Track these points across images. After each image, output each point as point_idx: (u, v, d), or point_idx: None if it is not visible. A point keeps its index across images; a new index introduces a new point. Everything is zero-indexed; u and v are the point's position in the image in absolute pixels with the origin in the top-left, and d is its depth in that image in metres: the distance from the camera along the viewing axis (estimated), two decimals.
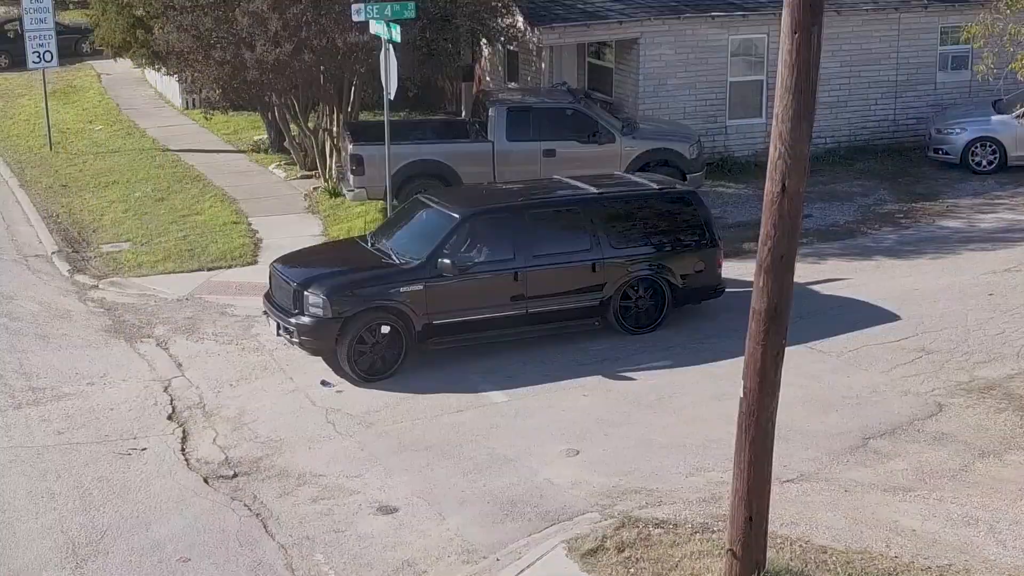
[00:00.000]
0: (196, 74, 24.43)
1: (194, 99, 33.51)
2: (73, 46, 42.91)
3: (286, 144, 27.46)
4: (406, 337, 16.52)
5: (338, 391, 16.41)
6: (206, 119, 29.80)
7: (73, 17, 45.79)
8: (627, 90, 26.37)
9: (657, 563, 11.66)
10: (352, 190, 22.47)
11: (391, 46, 20.32)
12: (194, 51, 23.64)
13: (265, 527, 13.07)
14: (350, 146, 22.42)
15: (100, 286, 20.89)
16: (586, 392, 16.19)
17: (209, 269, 21.33)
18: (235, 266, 21.47)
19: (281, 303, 16.94)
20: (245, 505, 13.53)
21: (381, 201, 22.40)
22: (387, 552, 12.54)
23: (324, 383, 16.62)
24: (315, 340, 16.47)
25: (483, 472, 14.10)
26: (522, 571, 11.97)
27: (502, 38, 25.69)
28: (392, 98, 20.87)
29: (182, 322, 19.02)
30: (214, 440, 15.11)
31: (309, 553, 12.54)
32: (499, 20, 25.10)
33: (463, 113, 29.61)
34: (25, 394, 16.44)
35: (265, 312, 17.52)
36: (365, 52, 22.63)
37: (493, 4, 24.78)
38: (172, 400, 16.28)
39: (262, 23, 22.68)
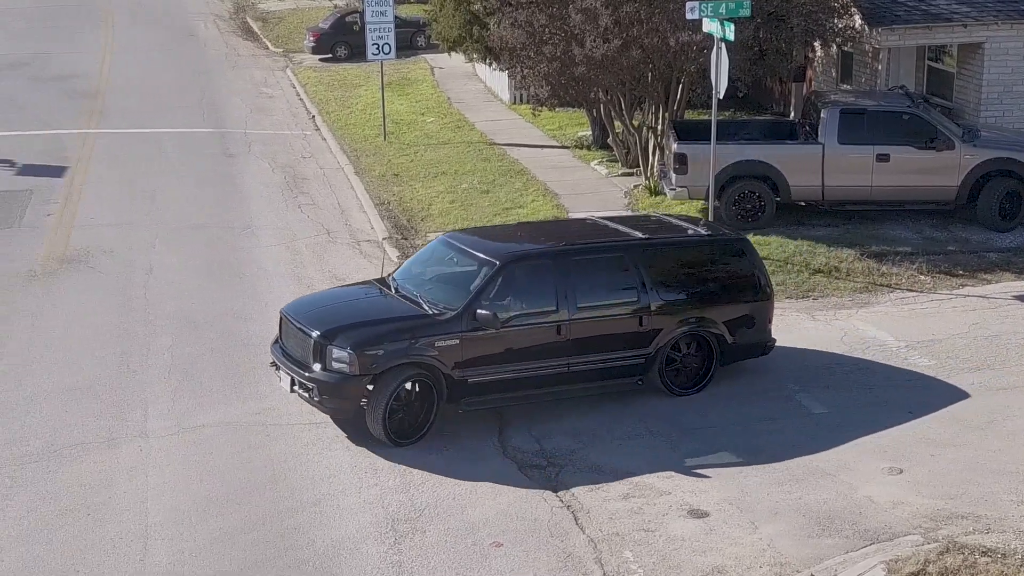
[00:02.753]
0: (527, 70, 24.82)
1: (522, 94, 34.12)
2: (409, 39, 44.43)
3: (609, 141, 27.56)
4: (437, 396, 14.83)
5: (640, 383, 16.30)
6: (534, 115, 30.25)
7: (410, 11, 47.45)
8: (968, 96, 25.14)
9: None
10: (673, 189, 22.28)
11: (724, 45, 20.04)
12: (527, 47, 24.05)
13: (576, 520, 13.11)
14: (674, 144, 22.26)
15: None
16: (911, 409, 15.49)
17: None
18: None
19: (296, 355, 15.08)
20: (557, 496, 13.61)
21: (702, 201, 22.15)
22: (697, 556, 12.34)
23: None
24: (339, 399, 14.63)
25: (798, 484, 13.69)
26: None
27: (838, 39, 24.94)
28: (721, 97, 20.59)
29: None
30: (529, 430, 15.26)
31: (619, 550, 12.49)
32: (836, 20, 24.39)
33: (791, 114, 28.96)
34: None
35: (275, 363, 15.51)
36: (696, 51, 22.44)
37: (831, 4, 24.08)
38: None
39: (594, 19, 22.82)
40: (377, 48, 31.34)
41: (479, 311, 14.84)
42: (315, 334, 14.76)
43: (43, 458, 14.39)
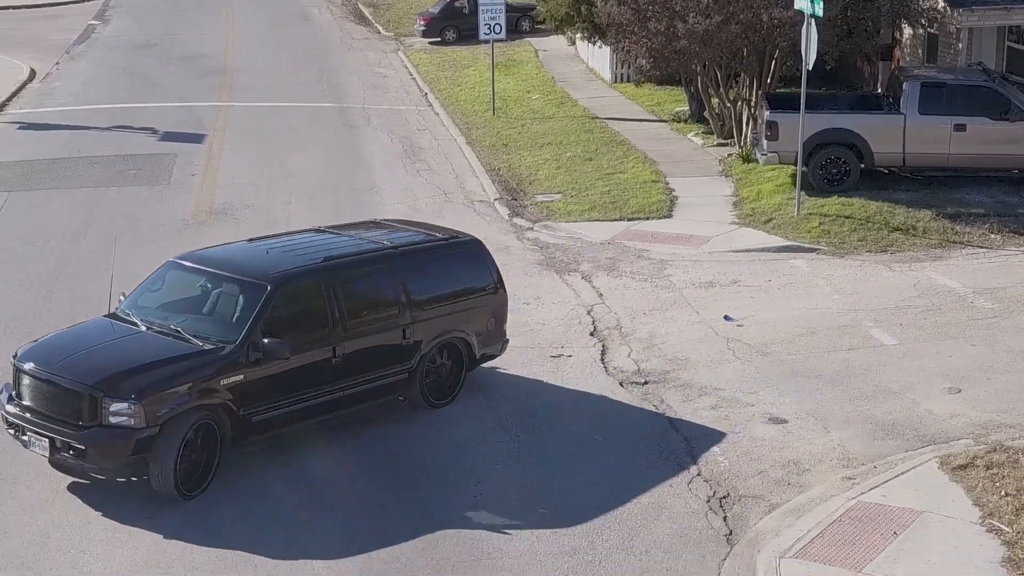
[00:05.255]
0: (632, 44, 26.87)
1: (623, 73, 36.18)
2: (514, 23, 46.51)
3: (705, 114, 29.43)
4: (222, 438, 13.55)
5: (739, 325, 18.23)
6: (636, 86, 32.17)
7: None
8: None
9: (1022, 480, 12.85)
10: (765, 154, 24.15)
11: (813, 20, 21.88)
12: (632, 23, 26.11)
13: (670, 423, 15.15)
14: (766, 113, 24.13)
15: (534, 228, 23.60)
16: (973, 343, 17.25)
17: (629, 219, 23.63)
18: (652, 218, 23.66)
19: (52, 413, 13.25)
20: (653, 405, 15.66)
21: (791, 166, 23.96)
22: (775, 452, 14.32)
23: (727, 318, 18.47)
24: (120, 457, 13.03)
25: (867, 400, 15.59)
26: (896, 476, 13.49)
27: (922, 19, 26.58)
28: (810, 69, 22.41)
29: (604, 261, 21.40)
30: (628, 354, 17.30)
31: (707, 445, 14.52)
32: (921, 1, 26.04)
33: (879, 91, 30.57)
34: None
35: (16, 428, 13.54)
36: (788, 27, 24.29)
37: None
38: (594, 321, 18.61)
39: None
40: (489, 28, 33.52)
41: (265, 340, 13.65)
42: (83, 386, 13.09)
43: None
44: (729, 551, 12.41)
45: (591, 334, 18.11)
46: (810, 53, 22.08)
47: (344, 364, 14.39)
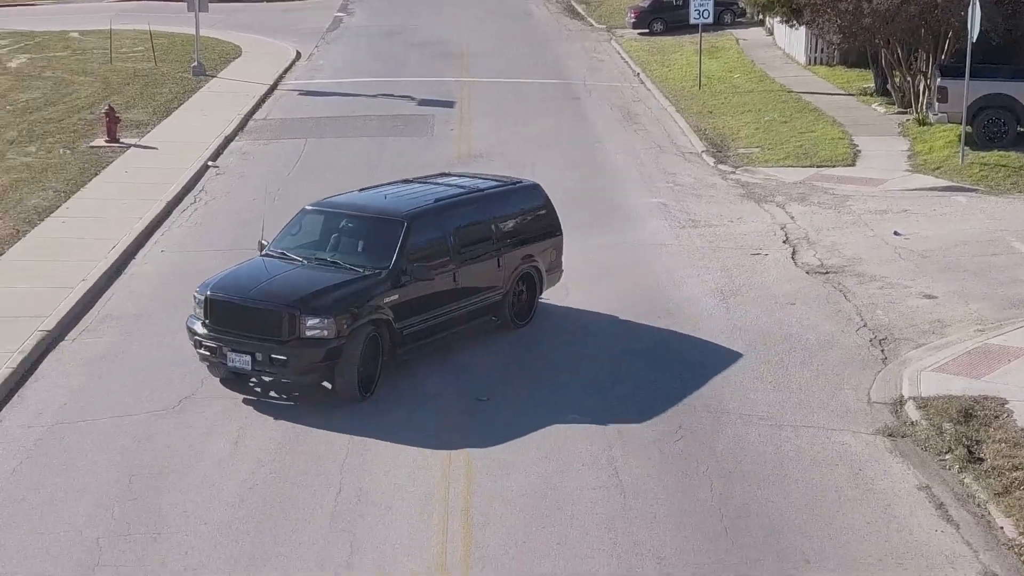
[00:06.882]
0: (824, 22, 31.47)
1: (816, 56, 40.71)
2: (718, 16, 51.19)
3: (888, 87, 33.76)
4: (382, 349, 16.11)
5: (905, 238, 22.71)
6: (828, 67, 36.64)
7: None
8: None
9: None
10: (936, 115, 28.53)
11: (977, 1, 26.15)
12: (825, 3, 30.73)
13: (844, 296, 19.83)
14: (938, 80, 28.46)
15: (736, 172, 28.41)
16: None
17: (818, 166, 28.29)
18: (838, 166, 28.31)
19: (250, 333, 15.57)
20: (832, 285, 20.36)
21: (958, 125, 28.16)
22: (924, 314, 18.91)
23: (896, 233, 22.98)
24: (313, 363, 15.45)
25: (1002, 286, 20.00)
26: (1015, 330, 17.96)
27: None
28: (974, 42, 26.66)
29: (795, 194, 26.11)
30: (814, 255, 21.99)
31: (872, 310, 19.17)
32: None
33: None
34: (686, 222, 24.19)
35: (213, 350, 15.83)
36: (959, 7, 28.53)
37: None
38: (786, 234, 23.32)
39: None
40: (698, 13, 38.52)
41: (416, 265, 16.40)
42: (282, 306, 15.50)
43: None
44: (883, 368, 17.09)
45: (784, 242, 22.83)
46: (974, 29, 26.34)
47: (460, 288, 17.22)
